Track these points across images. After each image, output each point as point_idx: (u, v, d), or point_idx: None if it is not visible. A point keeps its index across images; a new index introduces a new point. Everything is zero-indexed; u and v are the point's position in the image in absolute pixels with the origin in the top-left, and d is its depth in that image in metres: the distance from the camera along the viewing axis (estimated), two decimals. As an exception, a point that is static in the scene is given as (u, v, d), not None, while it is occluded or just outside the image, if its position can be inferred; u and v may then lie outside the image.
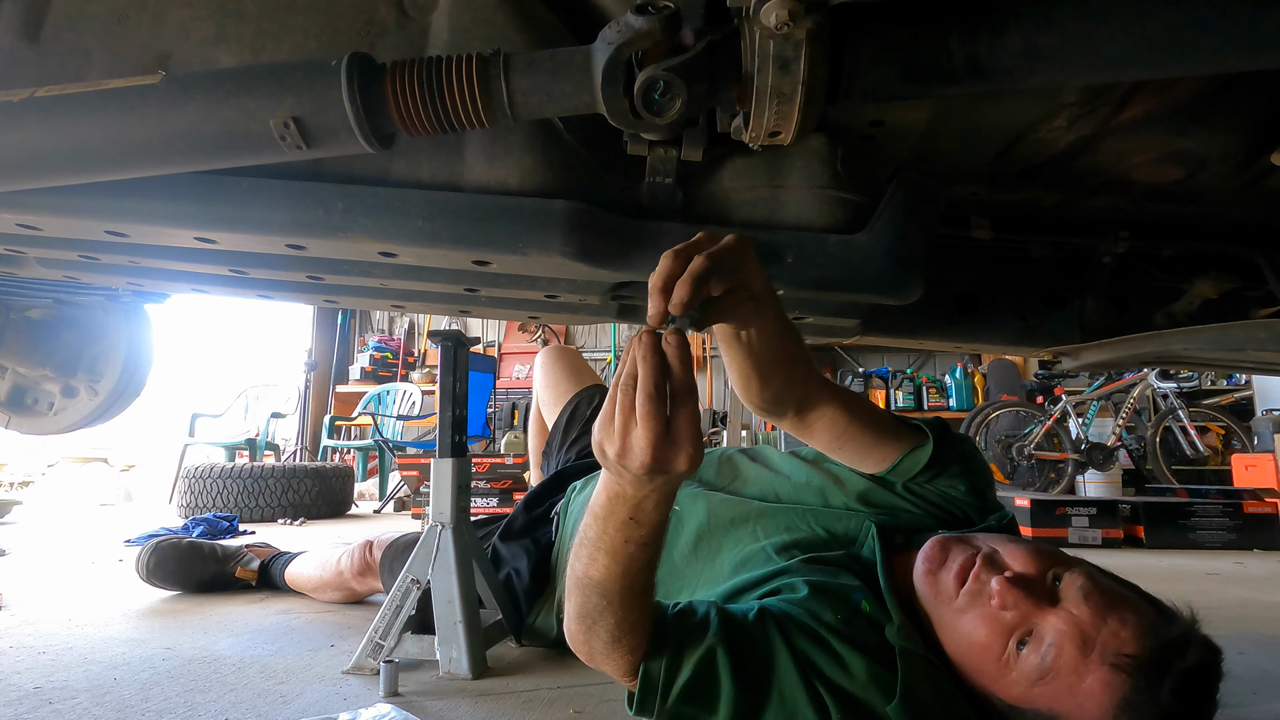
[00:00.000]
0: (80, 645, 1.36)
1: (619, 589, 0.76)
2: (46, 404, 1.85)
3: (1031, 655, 0.77)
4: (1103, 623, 0.76)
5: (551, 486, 1.48)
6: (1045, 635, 0.77)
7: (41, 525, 3.59)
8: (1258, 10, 0.63)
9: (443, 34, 0.84)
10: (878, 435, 0.98)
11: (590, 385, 1.80)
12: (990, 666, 0.80)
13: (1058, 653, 0.76)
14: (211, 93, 0.67)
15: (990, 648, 0.80)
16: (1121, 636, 0.75)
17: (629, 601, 0.78)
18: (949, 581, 0.85)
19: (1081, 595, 0.78)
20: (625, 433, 0.64)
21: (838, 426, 0.94)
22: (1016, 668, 0.78)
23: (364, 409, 5.70)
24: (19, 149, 0.71)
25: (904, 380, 6.01)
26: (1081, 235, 1.24)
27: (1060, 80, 0.70)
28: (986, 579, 0.82)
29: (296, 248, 0.92)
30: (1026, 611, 0.79)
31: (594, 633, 0.80)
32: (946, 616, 0.85)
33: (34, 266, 1.21)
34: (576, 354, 1.98)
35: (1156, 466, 4.58)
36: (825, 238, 0.91)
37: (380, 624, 1.22)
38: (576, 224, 0.84)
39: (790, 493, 1.14)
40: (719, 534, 1.10)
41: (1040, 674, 0.76)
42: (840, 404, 0.93)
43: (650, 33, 0.61)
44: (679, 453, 0.64)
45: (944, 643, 0.85)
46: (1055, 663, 0.76)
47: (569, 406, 1.75)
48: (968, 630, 0.82)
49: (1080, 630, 0.76)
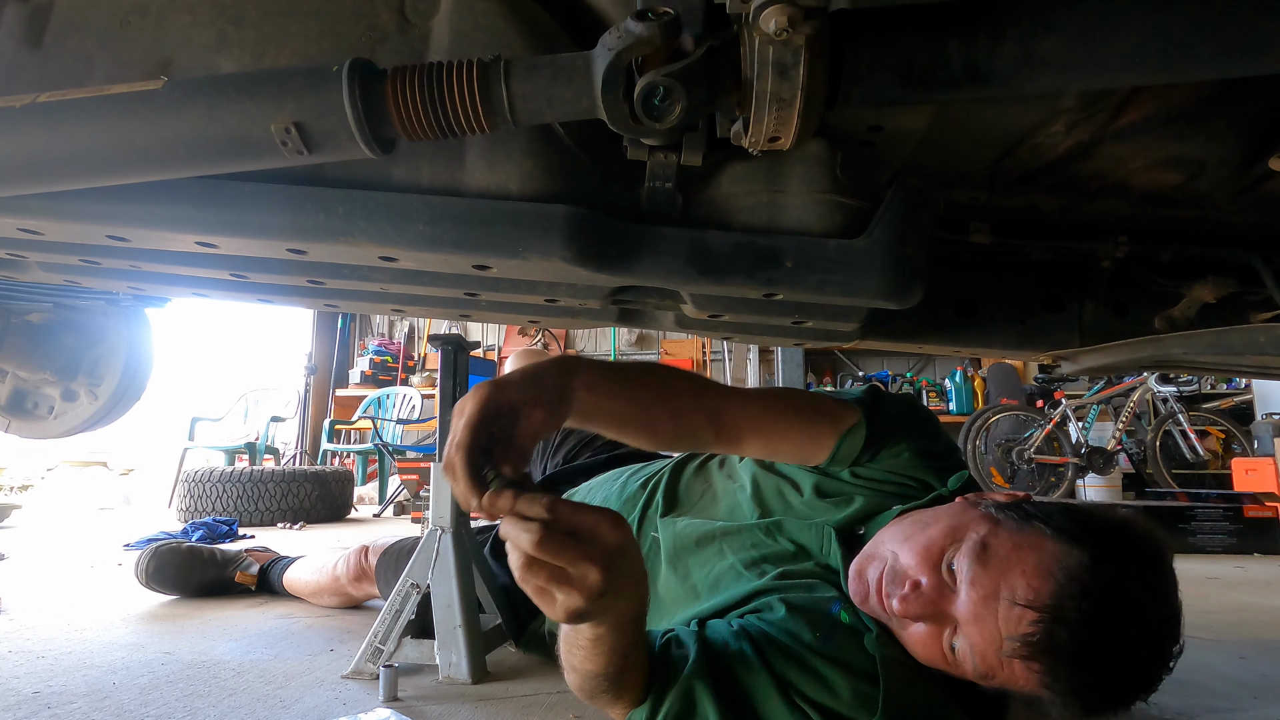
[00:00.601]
0: (79, 650, 1.36)
1: (615, 670, 0.76)
2: (47, 408, 1.85)
3: (964, 659, 0.78)
4: (995, 599, 0.74)
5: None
6: (960, 636, 0.77)
7: (41, 529, 3.59)
8: (1256, 16, 0.63)
9: (443, 39, 0.84)
10: (808, 427, 0.96)
11: None
12: (945, 667, 0.81)
13: (980, 657, 0.76)
14: (213, 98, 0.67)
15: (933, 658, 0.81)
16: (1013, 616, 0.73)
17: (626, 673, 0.78)
18: (878, 608, 0.84)
19: (969, 581, 0.77)
20: (560, 582, 0.62)
21: (762, 431, 0.93)
22: (958, 664, 0.79)
23: (364, 413, 5.70)
24: (21, 154, 0.71)
25: (904, 384, 6.02)
26: (1080, 240, 1.24)
27: (1058, 86, 0.71)
28: (892, 605, 0.81)
29: (297, 252, 0.93)
30: (936, 616, 0.79)
31: (594, 698, 0.81)
32: (897, 632, 0.85)
33: (35, 271, 1.21)
34: (541, 354, 1.96)
35: (1157, 470, 4.58)
36: (824, 242, 0.91)
37: (380, 628, 1.21)
38: (576, 228, 0.84)
39: (747, 507, 1.09)
40: (685, 556, 1.08)
41: (979, 675, 0.77)
42: (758, 407, 0.93)
43: (650, 38, 0.61)
44: (606, 541, 0.63)
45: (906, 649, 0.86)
46: (983, 664, 0.76)
47: None
48: (912, 644, 0.83)
49: (978, 621, 0.75)
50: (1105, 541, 0.76)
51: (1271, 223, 1.15)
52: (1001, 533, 0.79)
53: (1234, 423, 4.76)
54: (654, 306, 1.17)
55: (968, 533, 0.80)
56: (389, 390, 5.87)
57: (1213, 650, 1.47)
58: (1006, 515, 0.81)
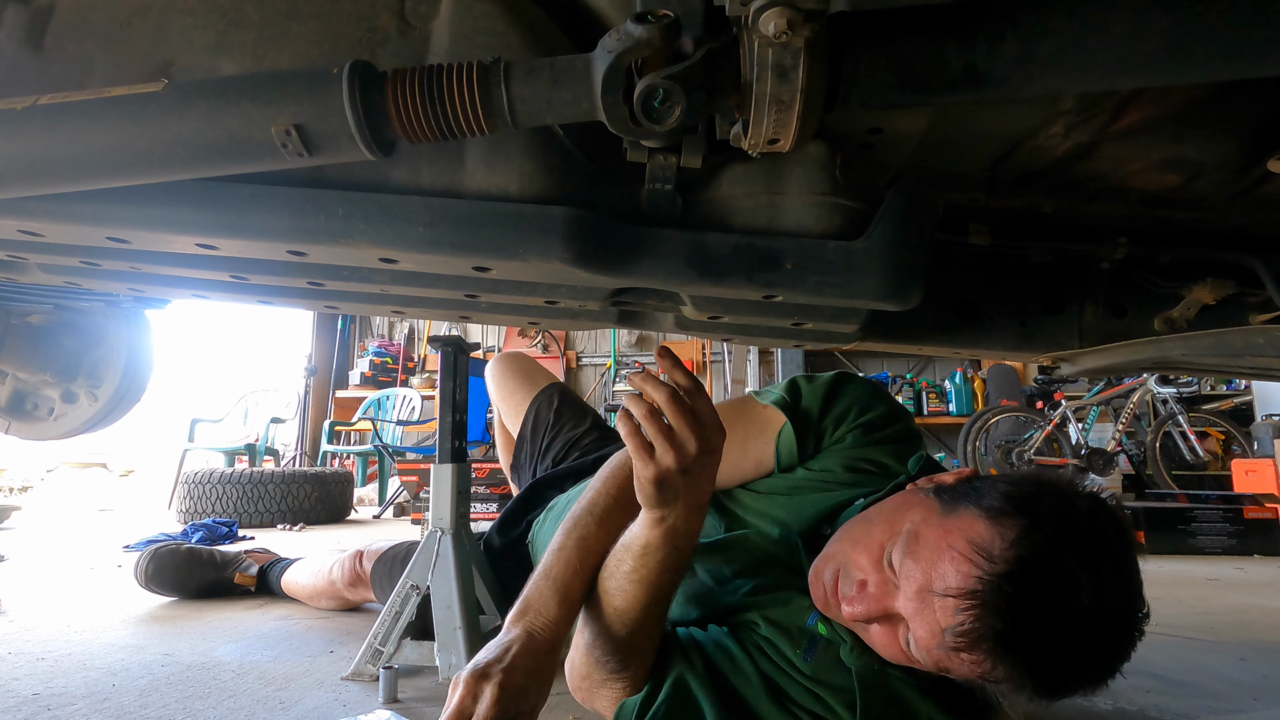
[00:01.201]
0: (79, 651, 1.36)
1: (641, 618, 0.79)
2: (47, 409, 1.85)
3: (916, 655, 0.76)
4: (929, 594, 0.73)
5: (526, 503, 1.45)
6: (909, 631, 0.76)
7: (40, 531, 3.59)
8: (1254, 19, 0.63)
9: (444, 41, 0.84)
10: (741, 451, 0.98)
11: (545, 386, 1.73)
12: (910, 663, 0.79)
13: (927, 653, 0.75)
14: (214, 100, 0.67)
15: (896, 657, 0.80)
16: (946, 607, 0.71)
17: (647, 628, 0.80)
18: (838, 611, 0.83)
19: (905, 574, 0.75)
20: (667, 437, 0.73)
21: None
22: (915, 656, 0.77)
23: (364, 414, 5.70)
24: (22, 156, 0.71)
25: (904, 385, 6.02)
26: (1080, 241, 1.24)
27: (1057, 88, 0.71)
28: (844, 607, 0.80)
29: (297, 254, 0.93)
30: (885, 616, 0.77)
31: (602, 664, 0.82)
32: (861, 634, 0.83)
33: (35, 272, 1.21)
34: (525, 357, 1.91)
35: (1156, 472, 4.58)
36: (824, 244, 0.91)
37: (380, 630, 1.21)
38: (576, 230, 0.84)
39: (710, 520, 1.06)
40: None
41: (936, 670, 0.76)
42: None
43: (650, 41, 0.61)
44: (709, 427, 0.74)
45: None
46: (931, 659, 0.75)
47: (530, 413, 1.69)
48: (875, 645, 0.82)
49: (918, 616, 0.74)
50: (1033, 515, 0.72)
51: (1271, 224, 1.16)
52: (933, 519, 0.77)
53: (1234, 424, 4.76)
54: (654, 308, 1.17)
55: (904, 524, 0.78)
56: (389, 391, 5.87)
57: (1213, 652, 1.47)
58: (942, 499, 0.79)
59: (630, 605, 0.79)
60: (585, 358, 6.75)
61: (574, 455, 1.58)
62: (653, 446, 0.73)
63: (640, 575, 0.78)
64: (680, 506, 0.76)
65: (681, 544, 0.78)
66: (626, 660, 0.82)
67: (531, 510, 1.42)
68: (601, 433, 1.65)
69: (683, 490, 0.75)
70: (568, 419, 1.66)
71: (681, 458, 0.73)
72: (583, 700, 0.88)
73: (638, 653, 0.82)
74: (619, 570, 0.80)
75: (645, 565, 0.78)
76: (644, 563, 0.78)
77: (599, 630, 0.82)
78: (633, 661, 0.82)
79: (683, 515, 0.76)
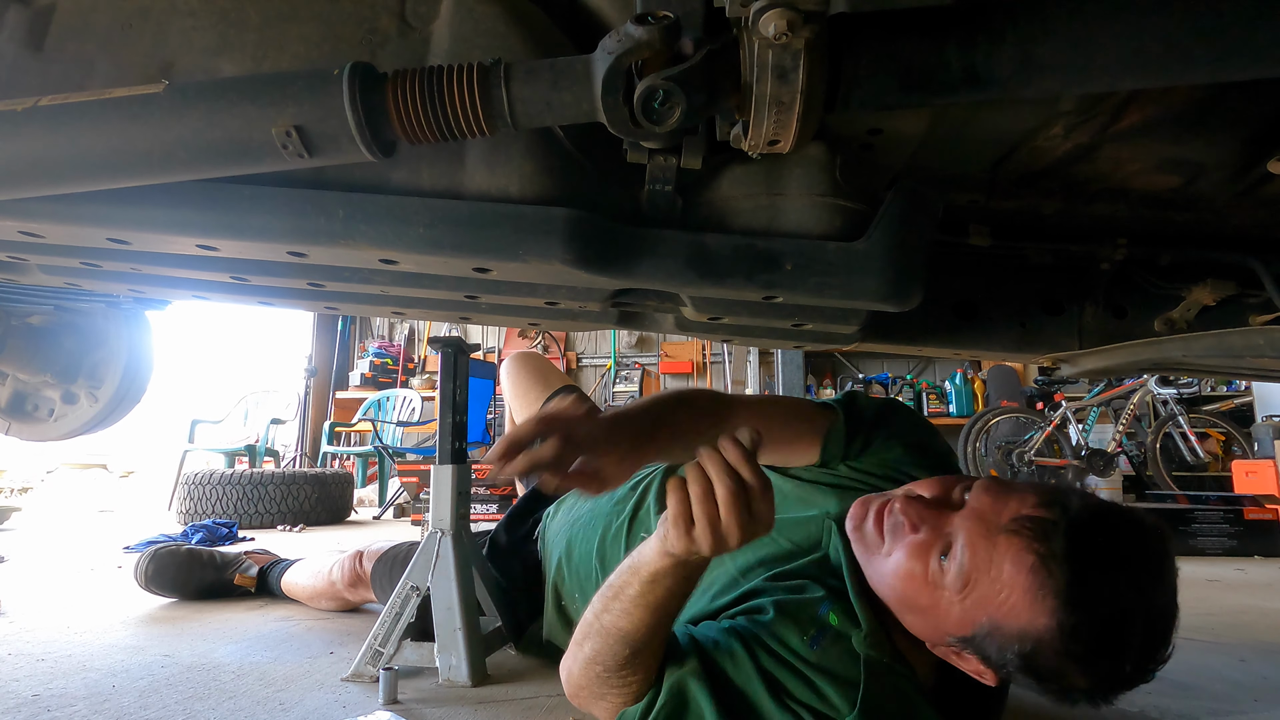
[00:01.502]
0: (79, 652, 1.36)
1: (646, 638, 0.79)
2: (47, 410, 1.85)
3: (951, 564, 0.76)
4: (1003, 504, 0.75)
5: (534, 501, 1.46)
6: (956, 538, 0.76)
7: (40, 532, 3.59)
8: (1252, 20, 0.63)
9: (444, 43, 0.85)
10: (795, 431, 0.99)
11: (560, 388, 1.74)
12: (924, 596, 0.79)
13: (970, 550, 0.75)
14: (214, 102, 0.67)
15: (915, 573, 0.79)
16: (1013, 507, 0.74)
17: (652, 646, 0.81)
18: (872, 531, 0.85)
19: (981, 489, 0.78)
20: (713, 526, 0.71)
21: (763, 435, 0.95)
22: (945, 584, 0.77)
23: (364, 415, 5.70)
24: (23, 157, 0.71)
25: (904, 386, 6.02)
26: (1080, 242, 1.24)
27: (1057, 89, 0.71)
28: (898, 511, 0.82)
29: (298, 255, 0.93)
30: (935, 523, 0.79)
31: (603, 679, 0.82)
32: (879, 567, 0.84)
33: (36, 273, 1.21)
34: (541, 358, 1.92)
35: (1157, 473, 4.58)
36: (824, 245, 0.91)
37: (380, 631, 1.21)
38: (576, 231, 0.84)
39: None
40: None
41: (964, 579, 0.75)
42: (757, 415, 0.96)
43: (650, 42, 0.61)
44: (760, 527, 0.72)
45: (889, 597, 0.84)
46: (971, 560, 0.74)
47: None
48: (894, 568, 0.81)
49: (982, 518, 0.75)
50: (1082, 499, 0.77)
51: (1270, 225, 1.16)
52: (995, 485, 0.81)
53: (1234, 425, 4.76)
54: (654, 309, 1.17)
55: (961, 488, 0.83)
56: (389, 393, 5.87)
57: (1213, 653, 1.47)
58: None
59: (636, 627, 0.79)
60: (585, 359, 6.75)
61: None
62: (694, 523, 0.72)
63: (648, 601, 0.78)
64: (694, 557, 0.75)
65: (693, 574, 0.79)
66: (629, 675, 0.82)
67: (540, 507, 1.43)
68: None
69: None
70: None
71: (718, 548, 0.71)
72: (580, 706, 0.88)
73: (641, 667, 0.82)
74: (624, 593, 0.79)
75: (653, 592, 0.77)
76: (651, 589, 0.77)
77: (601, 648, 0.81)
78: (635, 675, 0.82)
79: (702, 562, 0.77)
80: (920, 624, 0.82)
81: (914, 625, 0.83)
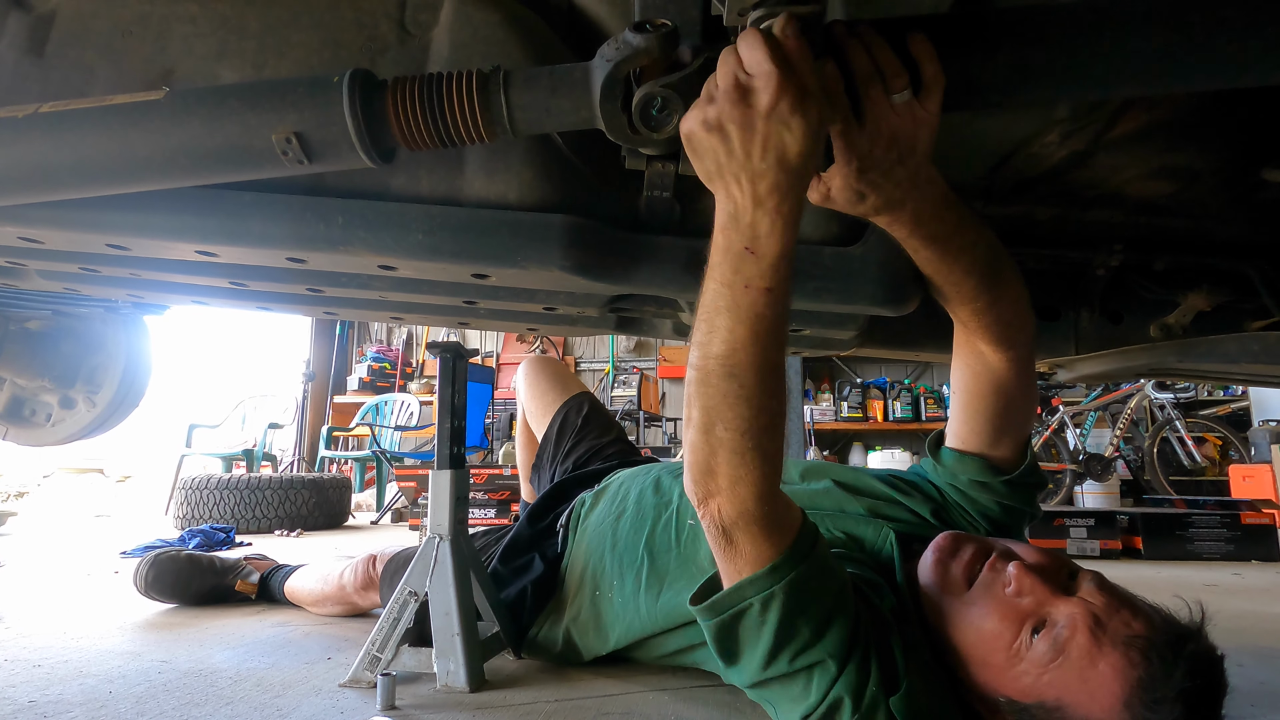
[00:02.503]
0: (76, 658, 1.35)
1: (746, 359, 0.67)
2: (44, 415, 1.85)
3: (1043, 641, 0.77)
4: (1116, 611, 0.76)
5: (555, 498, 1.47)
6: (1059, 620, 0.77)
7: (37, 537, 3.57)
8: (1245, 29, 0.64)
9: (443, 50, 0.85)
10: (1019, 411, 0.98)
11: (578, 393, 1.76)
12: (999, 656, 0.80)
13: (1070, 634, 0.75)
14: (214, 108, 0.68)
15: (1001, 635, 0.80)
16: (1134, 624, 0.75)
17: (760, 382, 0.68)
18: (958, 572, 0.86)
19: (1096, 586, 0.79)
20: (738, 80, 0.59)
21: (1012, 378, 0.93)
22: (1027, 656, 0.78)
23: (362, 419, 5.69)
24: (24, 164, 0.72)
25: (902, 391, 6.02)
26: (1076, 248, 1.25)
27: (1051, 98, 0.72)
28: (1002, 568, 0.83)
29: (297, 261, 0.93)
30: (1042, 598, 0.79)
31: (720, 441, 0.70)
32: (954, 608, 0.85)
33: (34, 279, 1.22)
34: (560, 363, 1.95)
35: (1154, 477, 4.59)
36: (821, 250, 0.92)
37: (377, 636, 1.21)
38: (575, 238, 0.84)
39: (804, 500, 1.12)
40: None
41: (1052, 657, 0.76)
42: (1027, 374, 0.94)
43: (648, 50, 0.62)
44: (805, 76, 0.59)
45: (951, 636, 0.85)
46: (1067, 645, 0.75)
47: (558, 416, 1.71)
48: (977, 620, 0.82)
49: (1094, 615, 0.76)
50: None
51: (1265, 232, 1.16)
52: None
53: (1231, 429, 4.77)
54: (652, 314, 1.17)
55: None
56: (387, 397, 5.86)
57: (1211, 657, 1.47)
58: None
59: (727, 345, 0.68)
60: (584, 363, 6.75)
61: (596, 462, 1.58)
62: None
63: (725, 301, 0.67)
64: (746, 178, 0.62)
65: (755, 246, 0.65)
66: (748, 439, 0.70)
67: (559, 505, 1.43)
68: (624, 446, 1.67)
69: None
70: (594, 427, 1.68)
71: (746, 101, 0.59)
72: (707, 486, 0.74)
73: (758, 429, 0.69)
74: (704, 307, 0.70)
75: (725, 282, 0.67)
76: (723, 276, 0.67)
77: (703, 394, 0.70)
78: (755, 442, 0.70)
79: (747, 195, 0.63)
80: (979, 672, 0.83)
81: (971, 670, 0.84)
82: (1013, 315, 0.88)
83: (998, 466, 1.01)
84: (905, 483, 1.12)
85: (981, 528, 1.03)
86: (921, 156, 0.69)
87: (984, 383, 0.94)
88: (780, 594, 0.75)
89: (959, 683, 0.85)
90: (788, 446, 4.68)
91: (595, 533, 1.28)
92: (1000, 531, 1.02)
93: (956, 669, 0.85)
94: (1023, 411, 0.98)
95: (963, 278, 0.82)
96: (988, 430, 0.99)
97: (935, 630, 0.87)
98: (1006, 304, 0.87)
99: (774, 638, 0.77)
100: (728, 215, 0.66)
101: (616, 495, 1.31)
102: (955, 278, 0.82)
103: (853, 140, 0.66)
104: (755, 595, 0.76)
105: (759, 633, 0.78)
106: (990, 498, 1.02)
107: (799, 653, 0.78)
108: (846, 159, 0.67)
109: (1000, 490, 1.01)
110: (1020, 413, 0.98)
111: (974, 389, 0.96)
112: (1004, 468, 1.01)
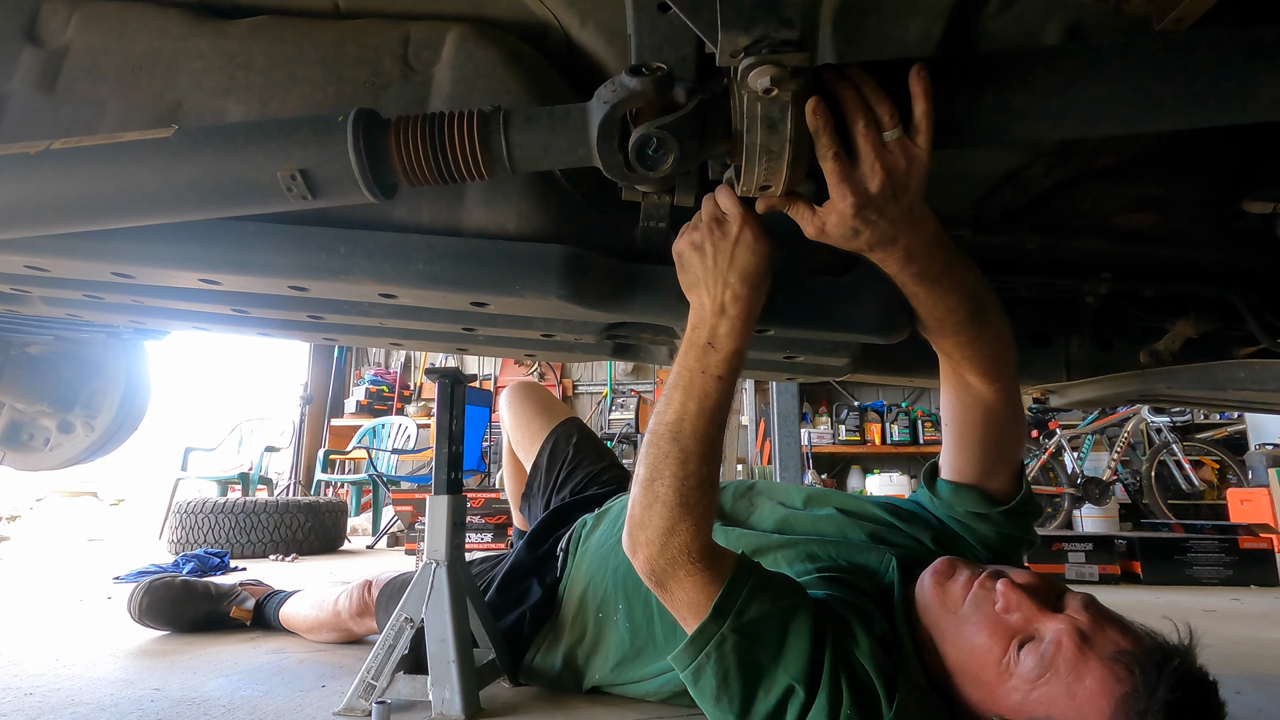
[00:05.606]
0: (68, 686, 1.34)
1: (689, 428, 0.81)
2: (42, 440, 1.85)
3: (1030, 656, 0.78)
4: (1102, 628, 0.77)
5: (554, 523, 1.46)
6: (1045, 635, 0.79)
7: (29, 561, 3.54)
8: (1218, 72, 0.67)
9: (445, 86, 0.87)
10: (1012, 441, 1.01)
11: (565, 419, 1.74)
12: (989, 673, 0.81)
13: (1056, 649, 0.77)
14: (222, 146, 0.70)
15: (991, 651, 0.81)
16: (1121, 640, 0.76)
17: (698, 447, 0.81)
18: (956, 590, 0.88)
19: (1082, 605, 0.81)
20: (715, 215, 0.82)
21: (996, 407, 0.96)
22: (1016, 671, 0.79)
23: (359, 443, 5.68)
24: (35, 198, 0.73)
25: (899, 414, 6.03)
26: (1065, 276, 1.27)
27: (1034, 137, 0.74)
28: (991, 585, 0.85)
29: (299, 289, 0.94)
30: (1030, 615, 0.81)
31: (656, 494, 0.82)
32: (950, 625, 0.86)
33: (38, 305, 1.23)
34: (543, 389, 1.92)
35: (1152, 501, 4.58)
36: (812, 279, 0.94)
37: (373, 664, 1.21)
38: (572, 267, 0.86)
39: (808, 525, 1.14)
40: None
41: (1039, 673, 0.77)
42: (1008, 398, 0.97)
43: (644, 92, 0.64)
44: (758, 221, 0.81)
45: (947, 655, 0.86)
46: (1054, 660, 0.76)
47: (547, 444, 1.68)
48: (970, 636, 0.84)
49: (1080, 631, 0.77)
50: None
51: (1247, 261, 1.19)
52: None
53: (1228, 453, 4.78)
54: (649, 341, 1.19)
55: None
56: (384, 420, 5.85)
57: (1209, 684, 1.46)
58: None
59: (678, 415, 0.82)
60: (581, 386, 6.75)
61: (593, 488, 1.57)
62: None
63: (683, 380, 0.83)
64: (715, 295, 0.80)
65: (715, 341, 0.82)
66: (684, 492, 0.81)
67: (559, 529, 1.42)
68: (620, 471, 1.66)
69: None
70: (587, 454, 1.66)
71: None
72: (643, 536, 0.84)
73: (693, 484, 0.81)
74: (666, 386, 0.85)
75: (686, 366, 0.82)
76: (686, 361, 0.83)
77: (651, 454, 0.83)
78: (689, 496, 0.81)
79: (711, 308, 0.82)
80: (972, 691, 0.84)
81: (965, 689, 0.85)
82: (996, 348, 0.92)
83: (994, 497, 1.02)
84: (905, 511, 1.13)
85: (982, 556, 1.04)
86: (914, 194, 0.71)
87: (975, 413, 0.96)
88: (729, 634, 0.80)
89: (955, 704, 0.86)
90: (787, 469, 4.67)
91: (597, 554, 1.28)
92: (999, 559, 1.03)
93: (952, 691, 0.86)
94: (1014, 440, 1.00)
95: (948, 314, 0.86)
96: (982, 461, 1.01)
97: (932, 652, 0.88)
98: (990, 338, 0.90)
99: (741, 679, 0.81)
100: (698, 316, 0.84)
101: (619, 518, 1.31)
102: (941, 313, 0.86)
103: (847, 177, 0.69)
104: (708, 643, 0.81)
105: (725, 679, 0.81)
106: (989, 528, 1.03)
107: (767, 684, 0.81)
108: (842, 195, 0.70)
109: (999, 520, 1.03)
110: (1012, 441, 0.99)
111: (966, 419, 0.98)
112: (1000, 498, 1.02)
